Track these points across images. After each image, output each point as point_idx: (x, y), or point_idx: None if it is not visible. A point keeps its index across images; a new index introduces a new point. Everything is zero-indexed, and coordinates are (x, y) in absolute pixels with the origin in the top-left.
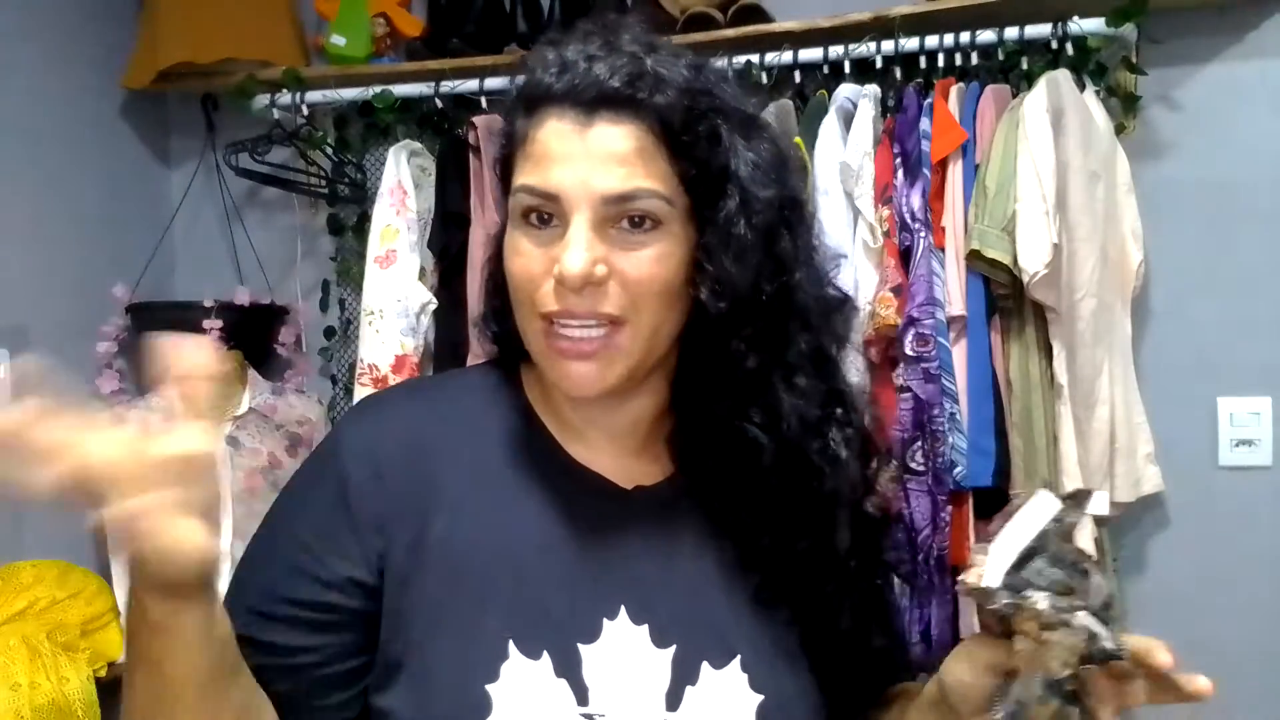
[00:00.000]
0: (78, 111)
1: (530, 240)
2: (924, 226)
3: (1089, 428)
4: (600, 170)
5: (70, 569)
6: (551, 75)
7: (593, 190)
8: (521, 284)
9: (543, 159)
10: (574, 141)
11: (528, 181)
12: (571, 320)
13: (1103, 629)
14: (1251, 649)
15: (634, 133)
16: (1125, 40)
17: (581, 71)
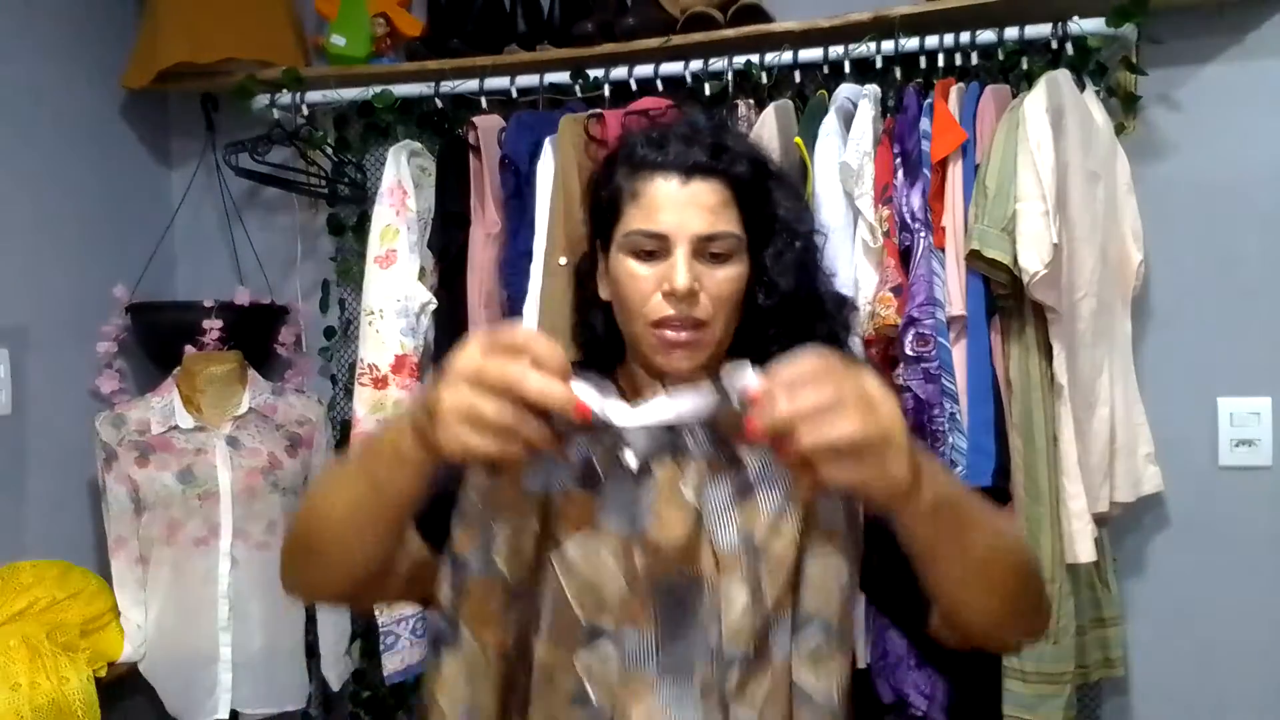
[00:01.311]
0: (78, 111)
1: (642, 267)
2: (924, 226)
3: (1089, 428)
4: (695, 217)
5: (70, 569)
6: (654, 148)
7: (690, 231)
8: (635, 299)
9: (652, 209)
10: (676, 196)
11: (642, 227)
12: (674, 323)
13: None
14: (1251, 649)
15: (717, 190)
16: (1125, 40)
17: (680, 146)
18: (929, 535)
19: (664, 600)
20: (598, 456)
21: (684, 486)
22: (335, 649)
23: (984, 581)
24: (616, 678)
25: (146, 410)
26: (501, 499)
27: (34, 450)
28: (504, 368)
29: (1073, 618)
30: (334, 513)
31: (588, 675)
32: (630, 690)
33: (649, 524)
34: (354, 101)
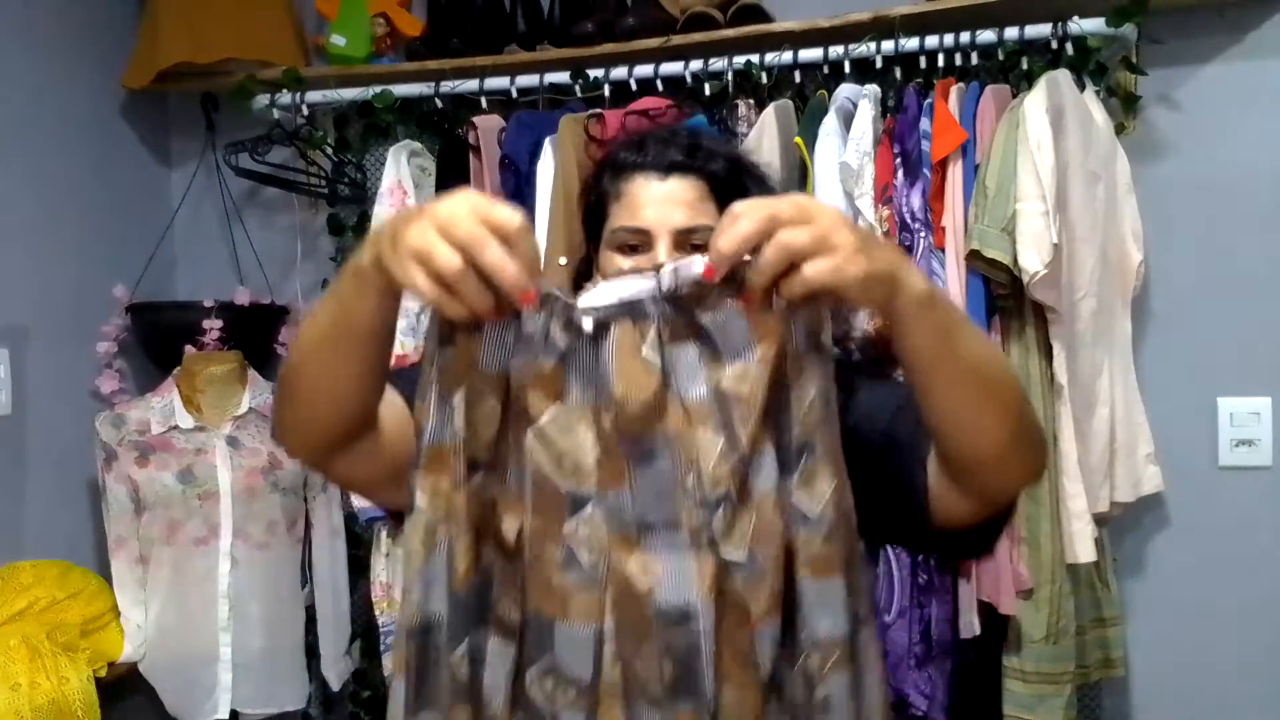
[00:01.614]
0: (78, 111)
1: (627, 261)
2: (924, 226)
3: (1089, 428)
4: (674, 211)
5: (70, 569)
6: (635, 150)
7: (670, 225)
8: None
9: (634, 206)
10: (656, 193)
11: (625, 224)
12: None
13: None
14: (1252, 649)
15: (695, 186)
16: (1125, 40)
17: (659, 148)
18: (927, 334)
19: (640, 458)
20: (554, 330)
21: (645, 348)
22: (335, 649)
23: (982, 390)
24: (605, 538)
25: (146, 410)
26: (456, 371)
27: (34, 450)
28: (473, 229)
29: (1073, 618)
30: (307, 345)
31: (574, 541)
32: (620, 547)
33: (614, 387)
34: (354, 101)
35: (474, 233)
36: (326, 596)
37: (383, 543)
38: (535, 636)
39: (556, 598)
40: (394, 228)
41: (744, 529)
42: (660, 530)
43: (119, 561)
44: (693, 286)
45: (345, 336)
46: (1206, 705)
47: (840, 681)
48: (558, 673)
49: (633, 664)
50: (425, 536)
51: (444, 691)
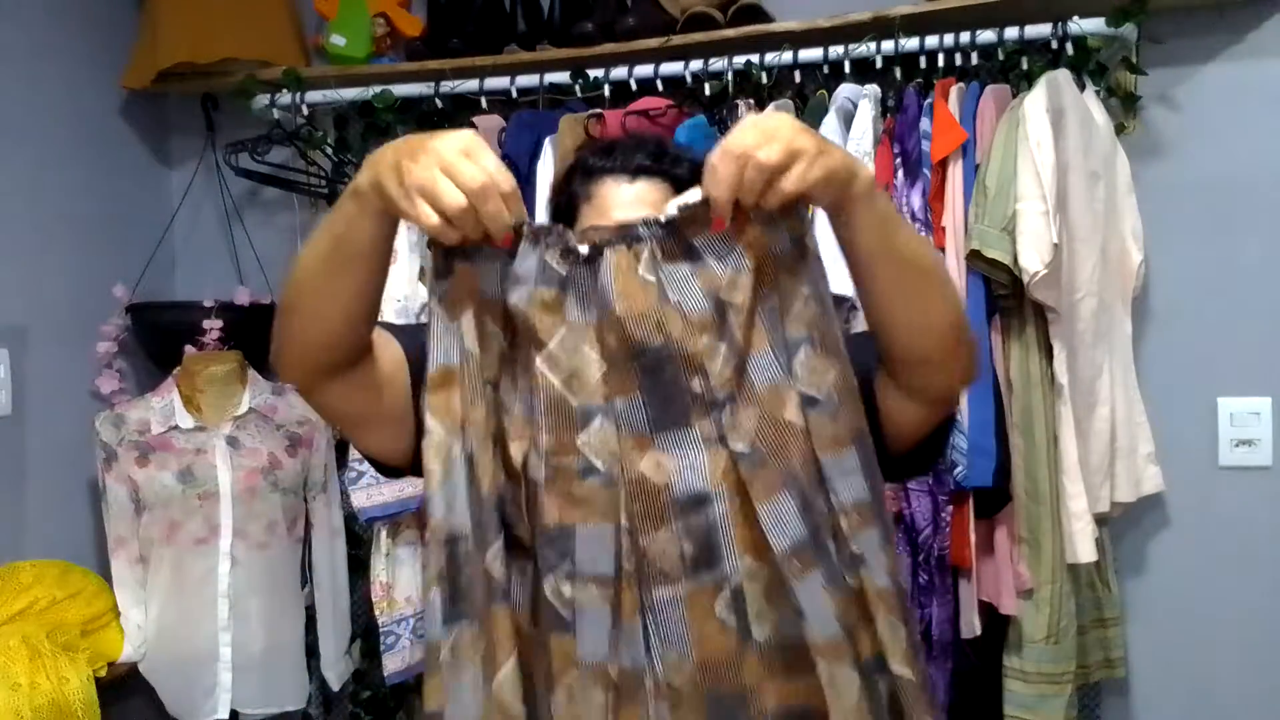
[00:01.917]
0: (78, 111)
1: None
2: (924, 226)
3: (1089, 428)
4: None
5: (70, 569)
6: (603, 156)
7: None
8: None
9: (604, 208)
10: (624, 195)
11: (596, 223)
12: None
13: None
14: (1252, 648)
15: (661, 188)
16: (1125, 40)
17: (626, 152)
18: (874, 224)
19: (645, 367)
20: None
21: (640, 267)
22: (335, 649)
23: (923, 278)
24: (617, 444)
25: (146, 410)
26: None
27: (34, 450)
28: (478, 176)
29: (1073, 618)
30: (306, 264)
31: (589, 449)
32: (633, 450)
33: (615, 304)
34: (354, 101)
35: (478, 180)
36: (326, 596)
37: (383, 543)
38: (556, 547)
39: (577, 505)
40: (396, 158)
41: (746, 424)
42: (671, 430)
43: (119, 561)
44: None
45: (342, 255)
46: (1206, 705)
47: (870, 537)
48: (577, 574)
49: (649, 552)
50: (439, 453)
51: (479, 596)
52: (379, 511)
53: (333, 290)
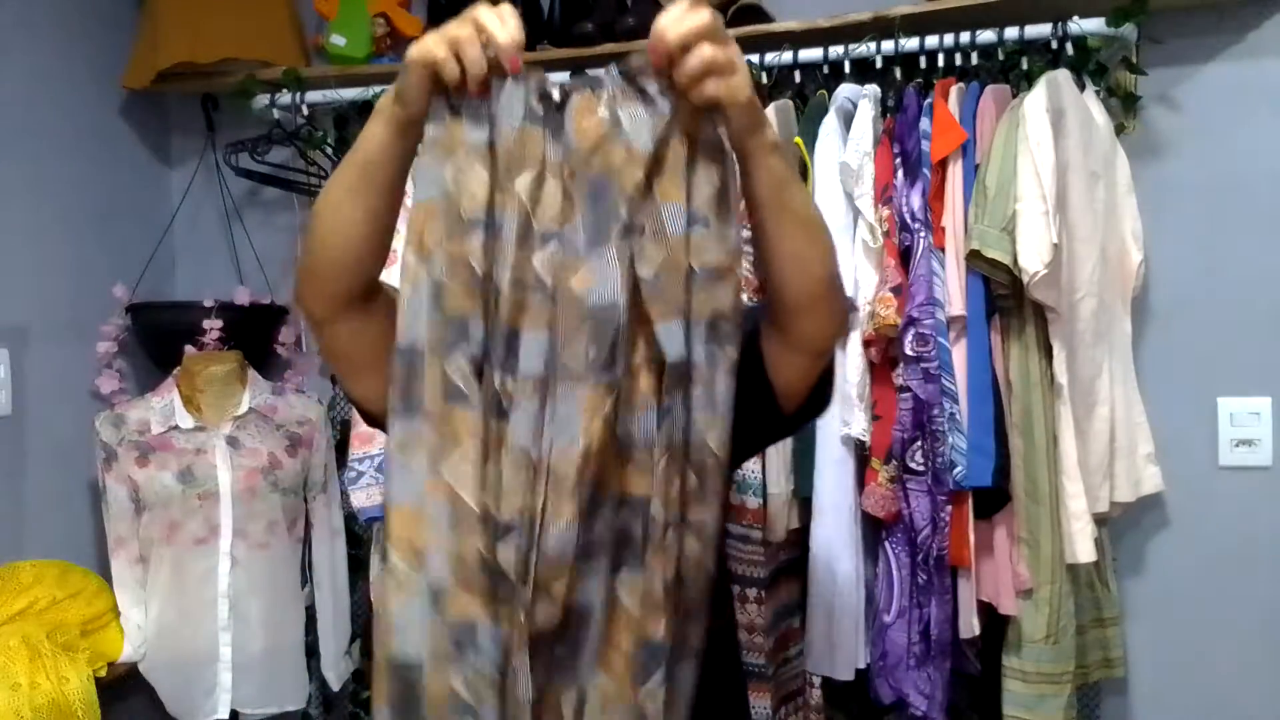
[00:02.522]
0: (78, 111)
1: None
2: (924, 226)
3: (1089, 428)
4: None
5: (70, 569)
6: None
7: None
8: None
9: None
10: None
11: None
12: None
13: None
14: (1252, 648)
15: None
16: (1125, 40)
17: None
18: (773, 175)
19: (588, 193)
20: (531, 101)
21: (600, 107)
22: (335, 649)
23: (810, 231)
24: (561, 263)
25: (146, 410)
26: (446, 145)
27: (34, 450)
28: (488, 19)
29: (1073, 618)
30: (330, 186)
31: (542, 268)
32: (569, 269)
33: (572, 139)
34: (354, 101)
35: (487, 19)
36: (326, 596)
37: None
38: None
39: (525, 312)
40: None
41: (655, 256)
42: (596, 248)
43: (119, 561)
44: (639, 59)
45: (360, 169)
46: (1206, 705)
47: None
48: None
49: (563, 355)
50: (410, 277)
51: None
52: (378, 511)
53: (353, 209)
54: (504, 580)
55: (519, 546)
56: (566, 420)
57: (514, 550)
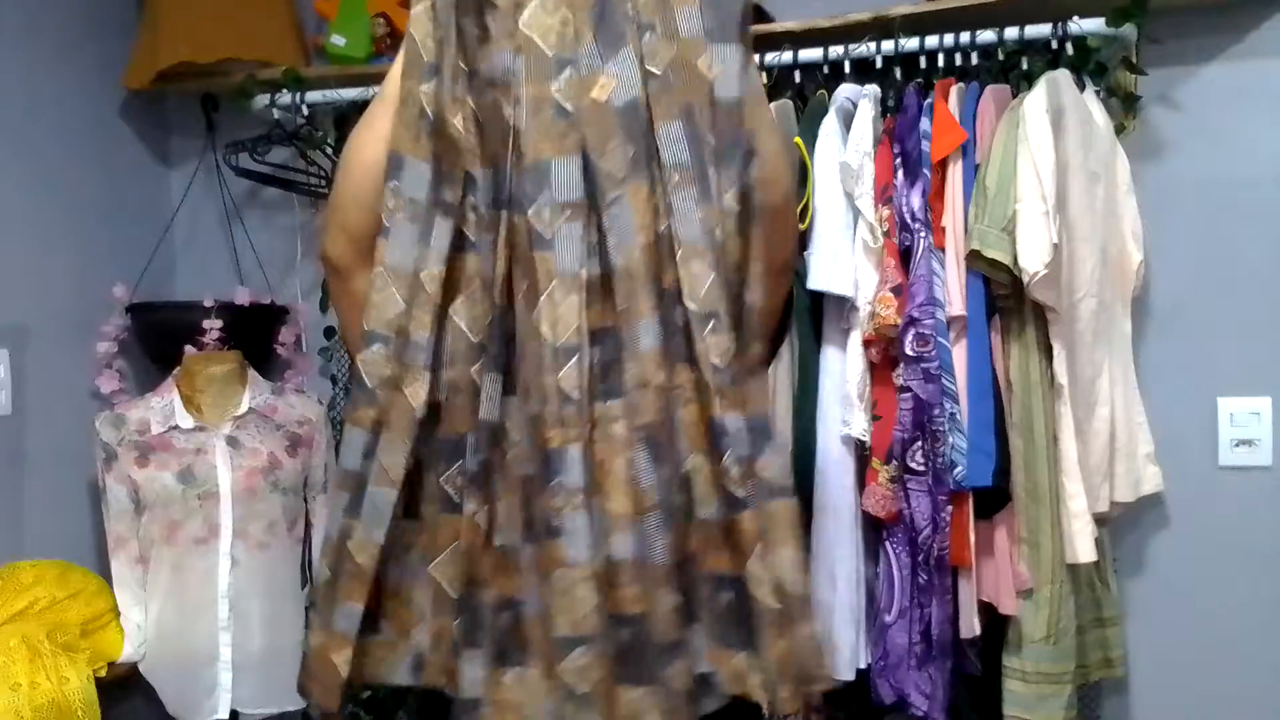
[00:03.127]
0: (78, 111)
1: None
2: (924, 226)
3: (1089, 428)
4: None
5: (70, 569)
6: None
7: None
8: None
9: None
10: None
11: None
12: None
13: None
14: (1251, 649)
15: None
16: (1125, 40)
17: None
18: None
19: (600, 15)
20: None
21: None
22: None
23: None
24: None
25: (146, 410)
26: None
27: (34, 450)
28: None
29: (1073, 618)
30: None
31: (561, 94)
32: (589, 88)
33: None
34: (354, 101)
35: None
36: None
37: None
38: (535, 180)
39: (551, 141)
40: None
41: (665, 55)
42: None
43: (119, 561)
44: None
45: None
46: (1206, 705)
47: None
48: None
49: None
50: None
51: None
52: None
53: (374, 135)
54: (569, 402)
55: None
56: (624, 223)
57: (576, 369)
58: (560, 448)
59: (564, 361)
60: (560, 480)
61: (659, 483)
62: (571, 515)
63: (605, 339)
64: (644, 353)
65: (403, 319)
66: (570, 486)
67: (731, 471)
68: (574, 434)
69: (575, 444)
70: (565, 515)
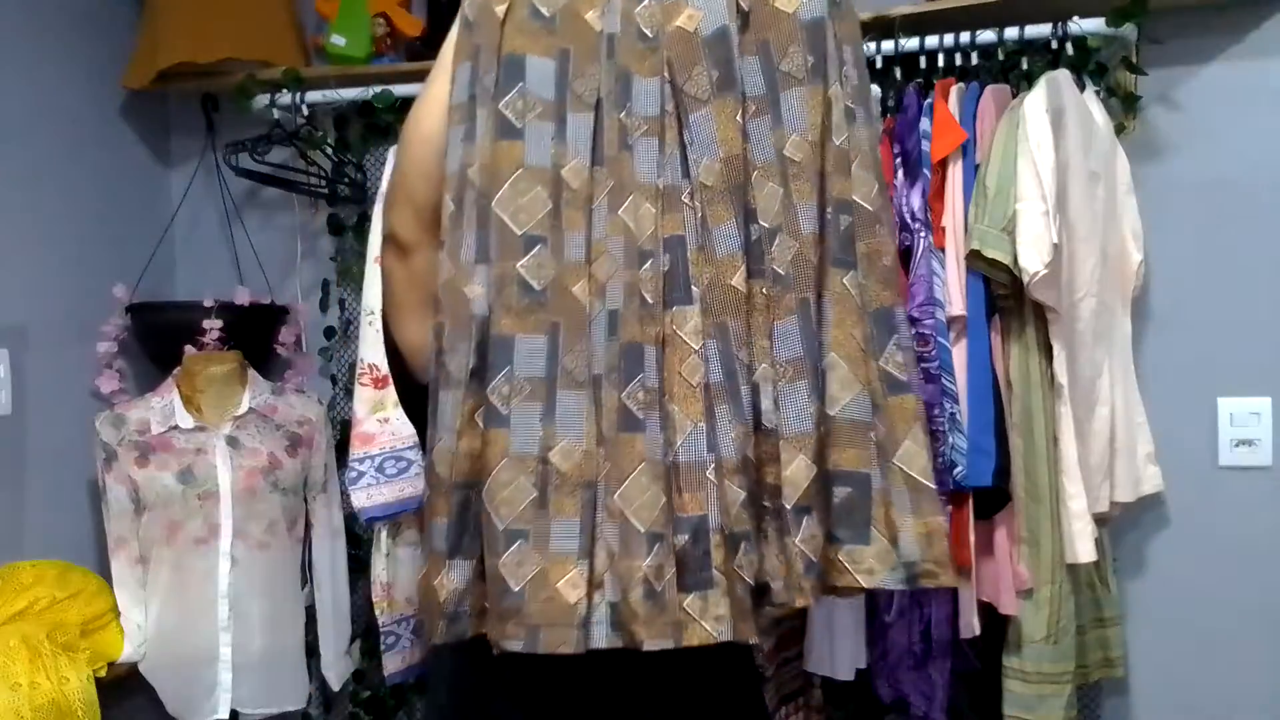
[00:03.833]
0: (78, 111)
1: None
2: (924, 226)
3: (1089, 428)
4: None
5: (70, 569)
6: None
7: None
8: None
9: None
10: None
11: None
12: None
13: None
14: (1252, 649)
15: None
16: (1125, 40)
17: None
18: None
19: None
20: None
21: None
22: (335, 649)
23: None
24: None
25: (146, 410)
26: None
27: (34, 450)
28: None
29: (1073, 618)
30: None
31: (642, 20)
32: (673, 14)
33: None
34: (354, 101)
35: None
36: (326, 596)
37: (383, 543)
38: (623, 90)
39: (635, 57)
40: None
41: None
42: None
43: (119, 561)
44: None
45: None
46: (1206, 705)
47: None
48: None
49: (686, 87)
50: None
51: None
52: (379, 511)
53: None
54: (645, 304)
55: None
56: (705, 138)
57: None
58: (639, 344)
59: (642, 263)
60: (642, 377)
61: (726, 386)
62: (650, 411)
63: (677, 247)
64: (720, 258)
65: (553, 218)
66: (649, 384)
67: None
68: (651, 334)
69: (652, 345)
70: (647, 410)
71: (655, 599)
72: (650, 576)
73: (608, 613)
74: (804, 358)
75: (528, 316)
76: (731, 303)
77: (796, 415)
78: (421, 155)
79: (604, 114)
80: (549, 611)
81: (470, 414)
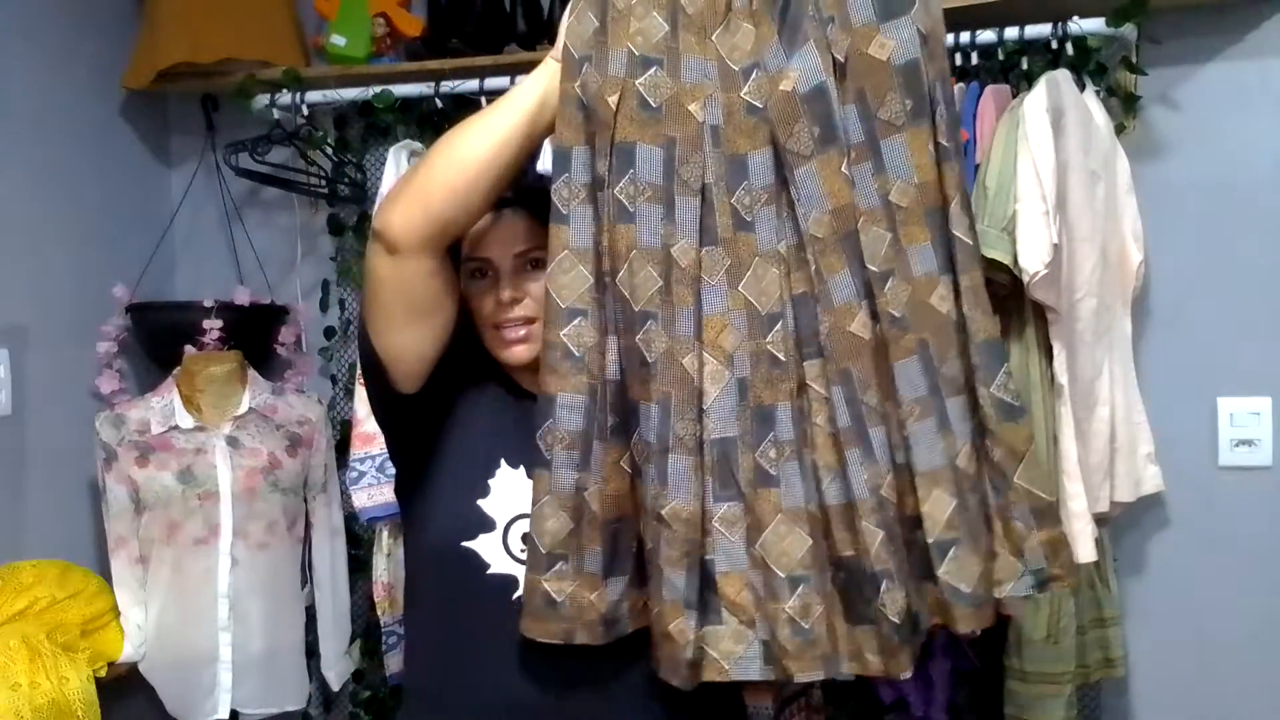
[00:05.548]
0: (78, 111)
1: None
2: None
3: (1089, 428)
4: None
5: (70, 569)
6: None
7: (509, 250)
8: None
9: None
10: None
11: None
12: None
13: None
14: (1252, 649)
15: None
16: (1125, 40)
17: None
18: None
19: (782, 16)
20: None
21: None
22: (335, 649)
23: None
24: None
25: (146, 410)
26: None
27: (34, 450)
28: None
29: (1073, 618)
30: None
31: (750, 95)
32: (777, 81)
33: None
34: (354, 101)
35: None
36: (326, 596)
37: (384, 543)
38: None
39: (745, 134)
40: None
41: (843, 43)
42: (797, 50)
43: (119, 561)
44: None
45: (526, 115)
46: (1206, 705)
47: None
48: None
49: (788, 144)
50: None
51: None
52: (379, 511)
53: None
54: (777, 364)
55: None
56: (812, 192)
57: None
58: (770, 405)
59: (770, 327)
60: (773, 435)
61: (855, 430)
62: (785, 465)
63: (803, 304)
64: (837, 306)
65: (663, 294)
66: (782, 440)
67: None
68: (783, 391)
69: (785, 402)
70: (781, 464)
71: (803, 635)
72: (796, 616)
73: (760, 650)
74: (929, 396)
75: (646, 385)
76: (852, 348)
77: (928, 451)
78: (458, 174)
79: (714, 199)
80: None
81: (615, 462)
